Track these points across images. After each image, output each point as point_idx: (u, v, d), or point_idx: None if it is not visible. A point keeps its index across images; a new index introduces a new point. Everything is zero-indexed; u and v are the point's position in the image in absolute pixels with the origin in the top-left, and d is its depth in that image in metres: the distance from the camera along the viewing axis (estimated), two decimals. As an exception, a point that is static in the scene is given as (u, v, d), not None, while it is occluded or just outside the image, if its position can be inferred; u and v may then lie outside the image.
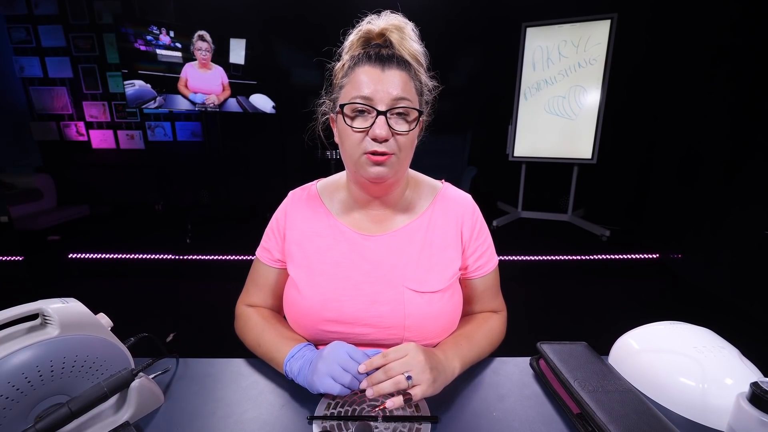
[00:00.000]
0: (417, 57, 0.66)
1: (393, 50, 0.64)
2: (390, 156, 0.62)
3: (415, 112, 0.63)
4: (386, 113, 0.60)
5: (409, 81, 0.63)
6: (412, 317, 0.66)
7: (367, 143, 0.61)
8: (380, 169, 0.62)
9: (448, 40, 3.59)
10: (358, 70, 0.62)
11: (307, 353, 0.61)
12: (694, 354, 0.58)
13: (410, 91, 0.62)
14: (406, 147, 0.64)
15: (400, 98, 0.61)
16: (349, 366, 0.55)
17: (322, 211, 0.73)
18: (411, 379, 0.53)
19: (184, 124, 3.80)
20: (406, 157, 0.65)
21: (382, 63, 0.61)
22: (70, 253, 2.88)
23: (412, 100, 0.62)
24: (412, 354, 0.55)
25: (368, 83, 0.60)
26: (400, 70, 0.62)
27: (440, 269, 0.69)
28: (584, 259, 2.83)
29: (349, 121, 0.62)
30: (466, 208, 0.75)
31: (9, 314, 0.49)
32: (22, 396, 0.46)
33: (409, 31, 0.66)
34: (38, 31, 3.50)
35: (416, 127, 0.64)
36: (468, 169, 3.80)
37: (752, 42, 2.27)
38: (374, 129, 0.60)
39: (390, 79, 0.61)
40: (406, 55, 0.64)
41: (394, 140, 0.62)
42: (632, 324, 0.70)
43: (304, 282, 0.69)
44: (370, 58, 0.62)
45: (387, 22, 0.65)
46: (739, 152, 2.34)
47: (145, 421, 0.55)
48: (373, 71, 0.61)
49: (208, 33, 3.13)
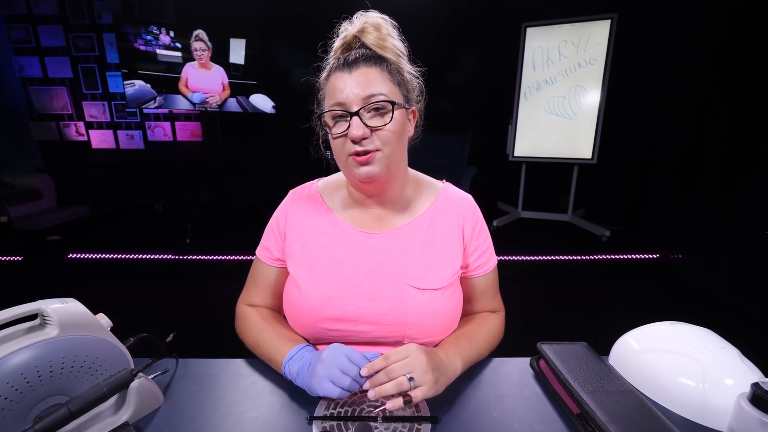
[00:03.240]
0: (393, 50, 0.65)
1: (365, 50, 0.64)
2: (374, 153, 0.62)
3: (389, 104, 0.62)
4: (358, 113, 0.61)
5: (381, 74, 0.62)
6: (414, 314, 0.66)
7: (349, 146, 0.62)
8: (368, 168, 0.63)
9: (448, 40, 3.59)
10: (331, 79, 0.64)
11: (306, 355, 0.61)
12: (694, 354, 0.58)
13: (383, 84, 0.62)
14: (390, 141, 0.63)
15: (371, 95, 0.61)
16: (348, 369, 0.54)
17: (322, 209, 0.74)
18: (413, 381, 0.53)
19: (184, 124, 3.80)
20: (394, 150, 0.64)
21: (350, 65, 0.62)
22: (70, 253, 2.88)
23: (386, 92, 0.62)
24: (414, 355, 0.55)
25: (341, 88, 0.62)
26: (367, 67, 0.62)
27: (441, 267, 0.70)
28: (584, 259, 2.83)
29: (329, 128, 0.64)
30: (467, 207, 0.75)
31: (8, 314, 0.49)
32: (21, 396, 0.46)
33: (387, 27, 0.65)
34: (38, 30, 3.50)
35: (395, 120, 0.62)
36: (468, 169, 3.79)
37: (752, 42, 2.27)
38: (351, 130, 0.61)
39: (357, 78, 0.61)
40: (377, 50, 0.64)
41: (375, 136, 0.62)
42: (632, 324, 0.70)
43: (305, 280, 0.69)
44: (340, 64, 0.63)
45: (361, 23, 0.65)
46: (739, 152, 2.34)
47: (144, 422, 0.55)
48: (342, 76, 0.62)
49: (208, 33, 3.12)
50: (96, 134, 3.80)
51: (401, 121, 0.64)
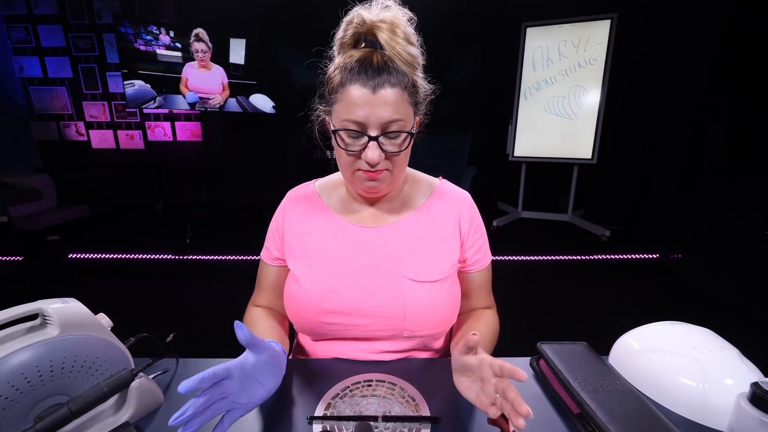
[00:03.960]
0: (410, 61, 0.62)
1: (384, 58, 0.60)
2: (383, 172, 0.63)
3: (408, 134, 0.62)
4: (377, 138, 0.60)
5: (402, 95, 0.60)
6: (412, 307, 0.67)
7: (360, 164, 0.62)
8: (374, 183, 0.64)
9: (448, 40, 3.58)
10: (350, 88, 0.59)
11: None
12: (694, 354, 0.58)
13: (403, 108, 0.60)
14: (401, 164, 0.65)
15: (392, 121, 0.59)
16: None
17: (320, 207, 0.75)
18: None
19: (184, 124, 3.80)
20: (401, 169, 0.66)
21: (374, 81, 0.58)
22: (70, 253, 2.88)
23: (405, 118, 0.60)
24: (486, 358, 0.49)
25: (361, 106, 0.58)
26: (392, 87, 0.59)
27: (439, 260, 0.70)
28: (584, 259, 2.83)
29: (342, 144, 0.62)
30: (463, 202, 0.76)
31: (9, 314, 0.49)
32: (22, 396, 0.46)
33: (404, 28, 0.61)
34: (38, 30, 3.50)
35: (408, 146, 0.64)
36: (468, 169, 3.79)
37: (752, 42, 2.27)
38: (366, 153, 0.60)
39: (381, 100, 0.58)
40: (397, 62, 0.60)
41: (387, 160, 0.63)
42: (632, 324, 0.70)
43: (304, 275, 0.70)
44: (361, 75, 0.59)
45: (378, 16, 0.61)
46: (739, 152, 2.34)
47: (145, 422, 0.55)
48: (364, 93, 0.58)
49: (208, 33, 3.12)
50: (96, 134, 3.79)
51: (410, 149, 0.66)
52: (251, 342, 0.48)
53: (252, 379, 0.49)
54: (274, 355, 0.52)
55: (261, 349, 0.50)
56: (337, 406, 0.57)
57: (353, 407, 0.57)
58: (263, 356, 0.50)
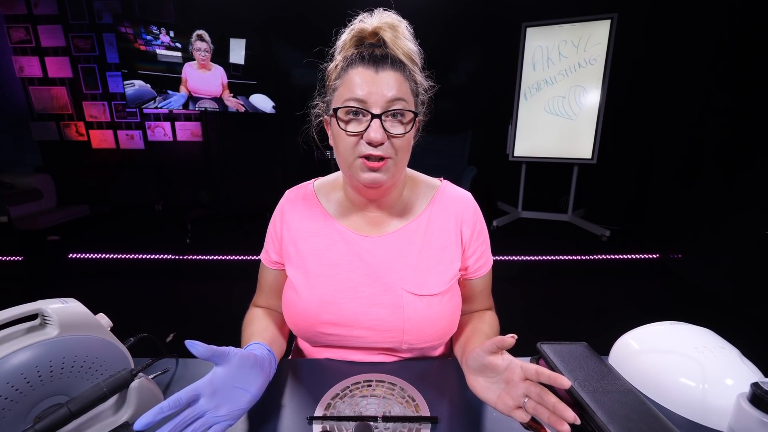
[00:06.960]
0: (411, 56, 0.64)
1: (387, 50, 0.62)
2: (386, 161, 0.60)
3: (411, 113, 0.61)
4: (381, 116, 0.58)
5: (404, 81, 0.61)
6: (411, 321, 0.65)
7: (362, 147, 0.60)
8: (375, 175, 0.61)
9: (448, 40, 3.58)
10: (351, 72, 0.60)
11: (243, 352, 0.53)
12: (694, 354, 0.58)
13: (405, 91, 0.61)
14: (402, 149, 0.62)
15: (396, 99, 0.59)
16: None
17: (318, 211, 0.72)
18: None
19: (184, 124, 3.80)
20: (403, 159, 0.64)
21: (376, 64, 0.59)
22: (70, 253, 2.88)
23: (407, 100, 0.61)
24: (514, 359, 0.50)
25: (362, 85, 0.58)
26: (394, 71, 0.60)
27: (439, 272, 0.68)
28: (584, 259, 2.83)
29: (343, 124, 0.60)
30: (466, 207, 0.73)
31: (8, 314, 0.49)
32: (21, 396, 0.46)
33: (404, 29, 0.64)
34: (38, 30, 3.50)
35: (412, 129, 0.62)
36: (468, 169, 3.79)
37: (752, 41, 2.26)
38: (369, 132, 0.58)
39: (384, 80, 0.58)
40: (400, 55, 0.62)
41: (389, 143, 0.60)
42: (632, 324, 0.70)
43: (301, 284, 0.69)
44: (364, 59, 0.60)
45: (380, 20, 0.63)
46: (739, 152, 2.34)
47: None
48: (367, 72, 0.59)
49: (208, 33, 3.12)
50: (96, 134, 3.79)
51: (413, 132, 0.64)
52: (211, 355, 0.47)
53: (230, 389, 0.48)
54: (245, 358, 0.51)
55: (226, 358, 0.49)
56: (337, 407, 0.57)
57: (353, 407, 0.57)
58: (232, 363, 0.49)
